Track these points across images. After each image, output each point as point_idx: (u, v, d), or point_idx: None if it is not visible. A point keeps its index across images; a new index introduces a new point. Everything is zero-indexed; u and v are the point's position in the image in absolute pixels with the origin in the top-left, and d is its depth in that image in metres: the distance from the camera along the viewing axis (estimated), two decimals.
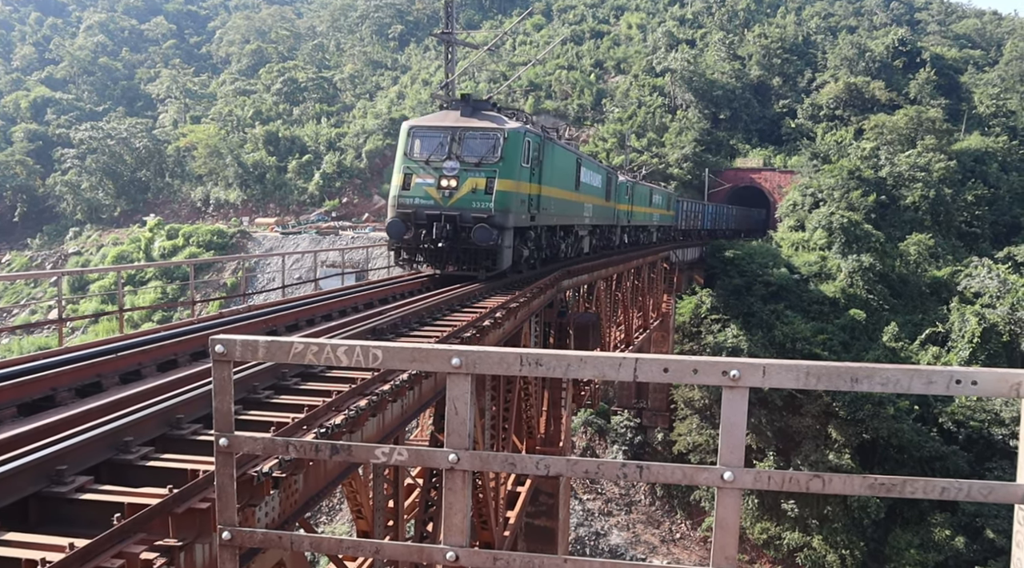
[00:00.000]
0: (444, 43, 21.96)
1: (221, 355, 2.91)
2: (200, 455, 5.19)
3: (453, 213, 16.21)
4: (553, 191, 19.96)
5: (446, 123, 17.07)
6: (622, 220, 32.10)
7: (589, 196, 25.01)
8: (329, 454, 2.94)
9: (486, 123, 16.93)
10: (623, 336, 30.59)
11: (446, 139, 16.73)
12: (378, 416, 6.56)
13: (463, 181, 16.39)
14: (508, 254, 16.57)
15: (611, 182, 29.14)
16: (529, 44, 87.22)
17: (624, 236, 34.27)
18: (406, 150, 17.00)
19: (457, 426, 2.87)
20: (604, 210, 27.89)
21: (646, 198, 37.82)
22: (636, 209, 34.86)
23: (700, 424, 40.54)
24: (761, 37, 76.15)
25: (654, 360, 2.92)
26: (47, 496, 4.53)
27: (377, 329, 9.26)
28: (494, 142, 16.64)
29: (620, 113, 72.73)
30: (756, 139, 70.06)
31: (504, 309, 11.88)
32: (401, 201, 16.65)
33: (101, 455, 4.98)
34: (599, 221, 27.48)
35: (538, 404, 17.08)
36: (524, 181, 17.33)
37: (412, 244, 16.57)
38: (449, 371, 2.80)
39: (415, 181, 16.59)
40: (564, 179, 21.31)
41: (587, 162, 24.83)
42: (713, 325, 44.07)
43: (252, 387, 6.56)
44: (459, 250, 16.45)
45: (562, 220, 21.67)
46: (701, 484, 3.09)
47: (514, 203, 16.62)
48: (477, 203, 16.24)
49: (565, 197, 21.50)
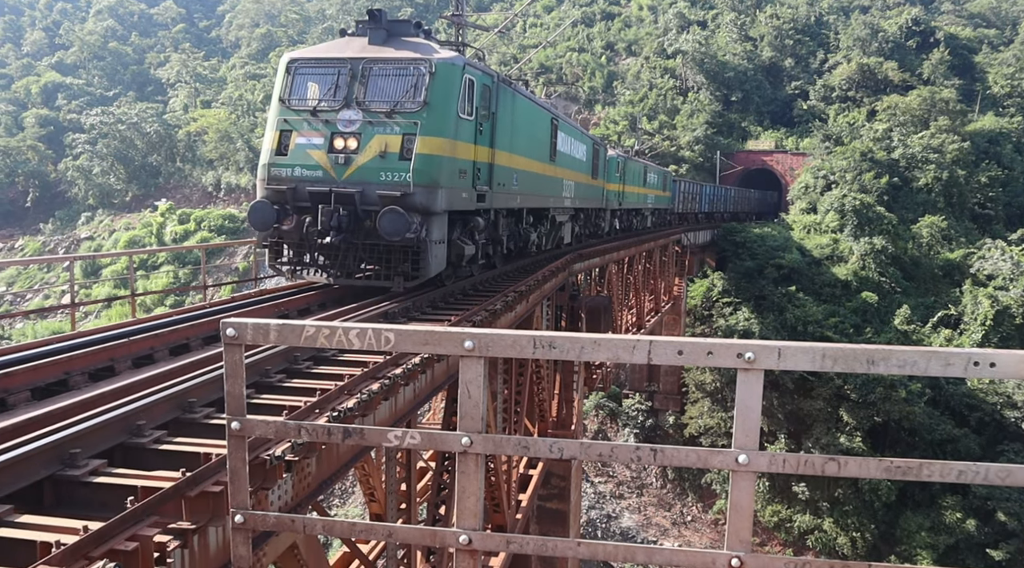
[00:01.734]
0: (454, 26, 21.72)
1: (232, 339, 2.90)
2: (213, 439, 5.21)
3: (351, 190, 10.95)
4: (516, 160, 14.86)
5: (345, 54, 11.74)
6: (612, 202, 27.44)
7: (570, 170, 19.98)
8: (342, 438, 2.93)
9: (405, 53, 11.58)
10: (635, 319, 30.54)
11: (343, 77, 11.49)
12: (390, 400, 6.57)
13: (367, 140, 11.21)
14: (439, 252, 11.59)
15: (599, 156, 24.51)
16: (540, 26, 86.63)
17: (615, 221, 29.83)
18: (283, 94, 11.77)
19: (470, 409, 2.85)
20: (590, 189, 23.13)
21: (640, 177, 33.09)
22: (628, 189, 30.24)
23: (712, 407, 40.53)
24: (773, 18, 75.30)
25: (668, 343, 2.90)
26: (61, 479, 4.56)
27: (389, 313, 9.26)
28: (416, 80, 11.34)
29: (631, 95, 72.28)
30: (768, 121, 69.50)
31: (516, 292, 11.86)
32: (274, 173, 11.47)
33: (114, 439, 5.00)
34: (584, 203, 22.56)
35: (550, 387, 17.09)
36: (466, 141, 12.11)
37: (294, 237, 11.41)
38: (462, 354, 2.78)
39: (295, 141, 11.46)
40: (533, 144, 16.32)
41: (566, 126, 19.75)
42: (725, 308, 43.92)
43: (264, 371, 6.58)
44: (361, 248, 11.32)
45: (531, 201, 16.41)
46: (715, 467, 3.07)
47: (447, 173, 11.45)
48: (387, 174, 11.06)
49: (534, 169, 16.41)
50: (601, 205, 25.74)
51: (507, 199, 14.54)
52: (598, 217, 26.49)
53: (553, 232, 19.71)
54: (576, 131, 21.24)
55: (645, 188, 34.40)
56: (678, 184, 44.29)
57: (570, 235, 21.64)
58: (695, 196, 48.13)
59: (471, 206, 12.65)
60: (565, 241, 21.08)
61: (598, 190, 24.67)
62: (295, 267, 11.81)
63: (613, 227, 29.29)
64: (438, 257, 11.57)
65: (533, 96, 16.65)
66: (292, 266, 11.82)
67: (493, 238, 14.35)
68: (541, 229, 18.20)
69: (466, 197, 12.33)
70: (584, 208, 23.30)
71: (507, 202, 14.59)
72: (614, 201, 27.67)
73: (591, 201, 23.71)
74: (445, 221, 11.75)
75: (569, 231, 21.48)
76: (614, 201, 27.67)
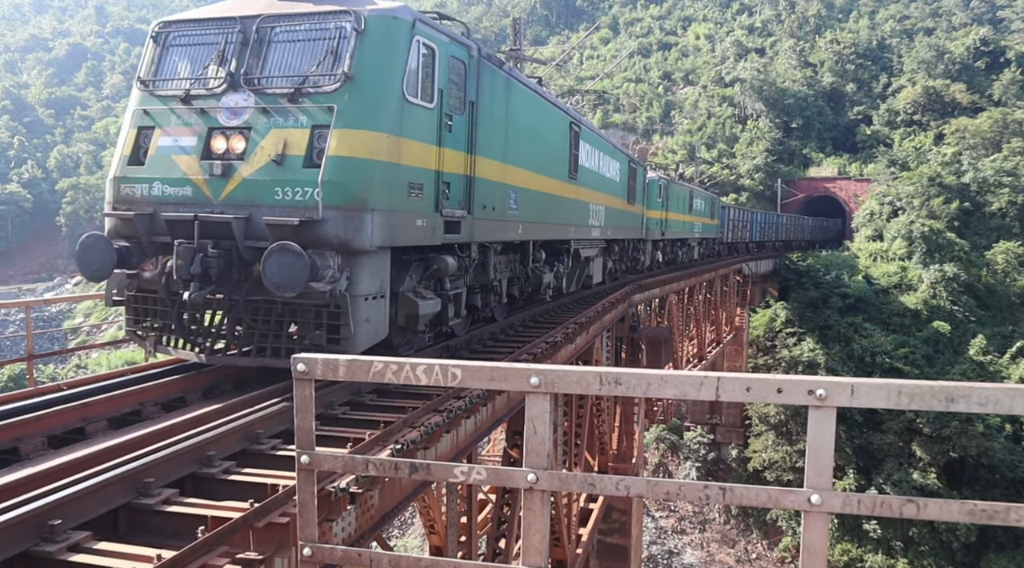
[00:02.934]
0: (512, 59, 22.03)
1: (303, 374, 2.96)
2: (279, 470, 5.30)
3: (228, 217, 7.05)
4: (513, 174, 10.52)
5: (237, 11, 7.83)
6: (653, 232, 23.88)
7: (598, 192, 16.10)
8: (408, 473, 2.95)
9: (323, 6, 7.61)
10: (696, 350, 30.09)
11: (231, 46, 7.60)
12: (452, 432, 6.59)
13: (260, 137, 7.22)
14: (374, 313, 7.45)
15: (635, 177, 20.80)
16: (596, 58, 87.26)
17: (657, 253, 26.27)
18: (145, 75, 7.95)
19: (536, 445, 2.85)
20: (625, 217, 19.41)
21: (684, 202, 29.70)
22: (673, 217, 26.86)
23: (776, 440, 39.48)
24: (833, 43, 74.34)
25: (736, 379, 2.85)
26: (136, 507, 4.69)
27: (451, 346, 9.32)
28: (335, 44, 7.38)
29: (689, 124, 72.00)
30: (830, 147, 68.30)
31: (576, 324, 11.82)
32: (124, 192, 7.63)
33: (186, 468, 5.13)
34: (618, 233, 18.64)
35: (610, 420, 16.90)
36: (421, 140, 7.92)
37: (159, 290, 7.61)
38: (528, 390, 2.79)
39: (157, 144, 7.56)
40: (542, 154, 11.94)
41: (592, 136, 15.59)
42: (788, 339, 42.98)
43: (329, 403, 6.68)
44: (244, 307, 7.29)
45: (541, 231, 12.07)
46: (787, 507, 2.99)
47: (384, 188, 7.31)
48: (284, 190, 7.06)
49: (544, 188, 12.07)
50: (640, 235, 22.04)
51: (499, 229, 9.98)
52: (636, 249, 22.91)
53: (577, 270, 15.69)
54: (606, 144, 17.30)
55: (691, 215, 31.16)
56: (727, 211, 41.13)
57: (601, 272, 17.80)
58: (745, 224, 44.79)
59: (432, 240, 8.09)
60: (595, 280, 17.10)
61: (636, 217, 20.99)
62: (160, 336, 7.72)
63: (655, 260, 25.93)
64: (372, 321, 7.28)
65: (542, 89, 12.09)
66: (156, 335, 7.72)
67: (483, 284, 10.18)
68: (559, 267, 13.76)
69: (422, 226, 7.85)
70: (618, 239, 19.51)
71: (499, 233, 10.03)
72: (656, 230, 24.12)
73: (627, 230, 19.80)
74: (385, 264, 7.44)
75: (600, 268, 17.59)
76: (656, 230, 24.12)
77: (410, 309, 7.82)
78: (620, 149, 19.16)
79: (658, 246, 26.19)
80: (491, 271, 10.32)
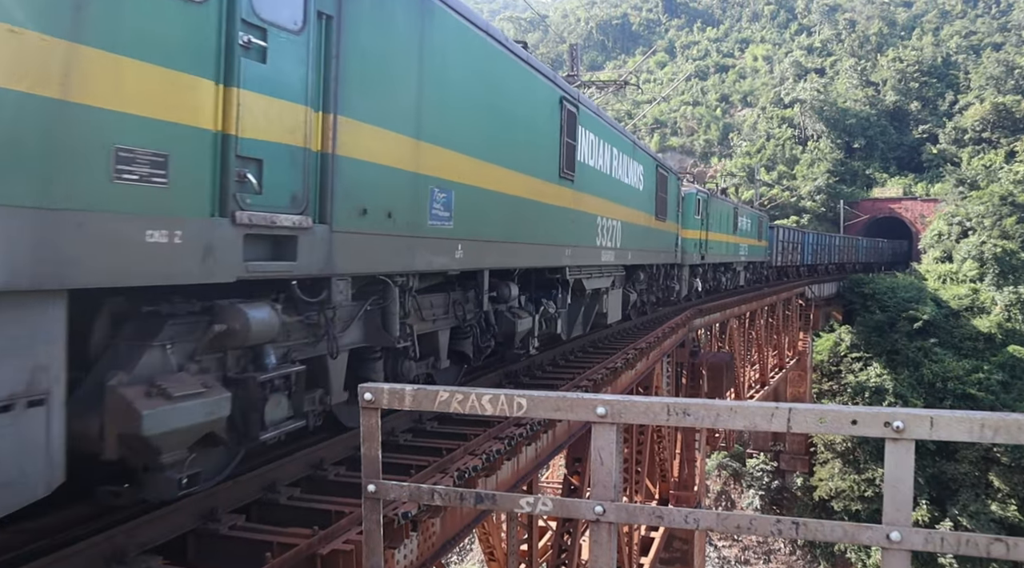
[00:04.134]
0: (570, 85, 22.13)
1: (369, 403, 2.99)
2: (342, 496, 5.34)
3: None
4: (444, 160, 6.57)
5: None
6: (691, 255, 19.95)
7: (610, 202, 12.12)
8: (474, 503, 2.95)
9: None
10: (758, 376, 29.50)
11: None
12: (513, 460, 6.57)
13: None
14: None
15: (665, 185, 16.77)
16: (653, 82, 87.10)
17: (695, 281, 22.09)
18: None
19: (603, 477, 2.81)
20: (652, 236, 15.41)
21: (728, 221, 25.98)
22: (714, 237, 23.26)
23: (843, 468, 38.27)
24: (896, 61, 72.70)
25: (808, 410, 2.78)
26: (204, 532, 4.77)
27: (510, 372, 9.31)
28: None
29: (748, 146, 71.16)
30: (894, 167, 66.62)
31: (636, 350, 11.71)
32: None
33: (252, 495, 5.21)
34: (643, 257, 14.62)
35: (671, 446, 16.64)
36: (173, 67, 3.74)
37: None
38: (594, 421, 2.76)
39: None
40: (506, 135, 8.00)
41: (599, 124, 11.61)
42: (854, 363, 41.81)
43: (391, 430, 6.72)
44: None
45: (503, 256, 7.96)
46: (864, 543, 2.89)
47: (34, 150, 3.04)
48: None
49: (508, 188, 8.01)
50: (674, 259, 18.15)
51: (403, 251, 5.96)
52: (669, 277, 18.67)
53: (581, 307, 11.34)
54: (623, 139, 12.96)
55: (736, 236, 27.35)
56: (775, 231, 37.00)
57: (620, 308, 13.34)
58: (796, 246, 40.98)
59: (210, 273, 3.97)
60: (611, 319, 12.69)
61: (668, 237, 17.13)
62: None
63: (693, 289, 21.91)
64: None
65: (511, 42, 8.16)
66: None
67: (385, 346, 6.17)
68: (550, 306, 9.54)
69: (169, 244, 3.72)
70: (644, 264, 15.28)
71: (404, 258, 5.99)
72: (693, 253, 20.29)
73: (656, 253, 15.87)
74: (39, 327, 3.18)
75: (617, 302, 13.13)
76: (693, 253, 20.29)
77: (132, 427, 3.66)
78: (644, 149, 14.78)
79: (696, 272, 22.19)
80: (396, 323, 6.01)
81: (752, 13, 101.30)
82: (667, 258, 17.15)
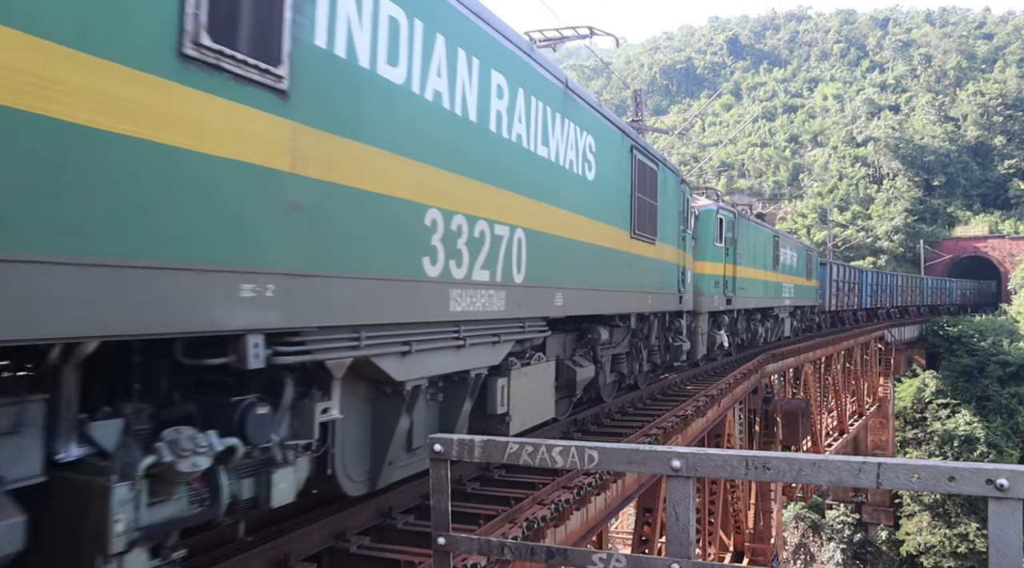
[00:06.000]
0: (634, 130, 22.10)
1: (438, 454, 2.95)
2: (411, 546, 5.29)
3: None
4: None
5: None
6: (708, 298, 14.38)
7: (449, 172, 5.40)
8: (545, 558, 2.86)
9: None
10: (836, 423, 28.41)
11: None
12: (582, 510, 6.42)
13: None
14: None
15: (655, 186, 10.71)
16: (719, 124, 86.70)
17: (720, 335, 15.71)
18: None
19: (678, 533, 2.70)
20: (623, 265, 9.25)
21: (765, 252, 20.02)
22: (745, 274, 17.53)
23: (932, 521, 36.28)
24: (977, 95, 70.63)
25: (900, 466, 2.61)
26: None
27: (578, 420, 9.18)
28: None
29: (819, 187, 69.85)
30: (978, 205, 64.28)
31: (707, 397, 11.41)
32: None
33: (323, 543, 5.21)
34: (596, 301, 8.32)
35: (745, 496, 16.07)
36: None
37: None
38: (669, 474, 2.66)
39: None
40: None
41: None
42: (940, 410, 39.93)
43: (459, 478, 6.67)
44: None
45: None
46: None
47: None
48: None
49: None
50: (677, 303, 11.79)
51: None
52: (668, 330, 12.11)
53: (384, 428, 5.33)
54: (537, 74, 6.94)
55: (777, 272, 21.33)
56: (828, 268, 30.72)
57: (547, 402, 7.38)
58: (852, 286, 34.99)
59: None
60: (514, 428, 6.73)
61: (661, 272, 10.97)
62: None
63: (717, 346, 15.74)
64: None
65: None
66: None
67: None
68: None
69: None
70: (606, 315, 8.94)
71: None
72: (713, 295, 14.73)
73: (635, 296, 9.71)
74: None
75: (544, 393, 7.33)
76: (713, 295, 14.73)
77: None
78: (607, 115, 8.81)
79: (721, 322, 16.00)
80: None
81: (821, 52, 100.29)
82: (662, 303, 10.91)
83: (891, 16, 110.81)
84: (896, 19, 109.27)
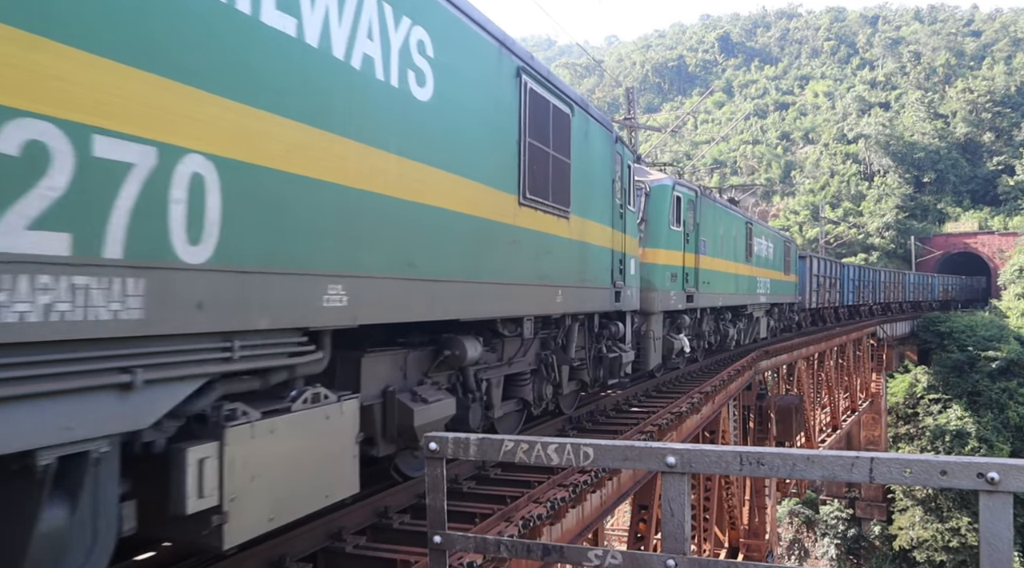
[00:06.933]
0: (627, 128, 22.21)
1: (434, 452, 2.96)
2: (407, 545, 5.30)
3: None
4: None
5: None
6: (662, 294, 12.09)
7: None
8: (541, 556, 2.87)
9: None
10: (829, 419, 28.53)
11: None
12: (578, 508, 6.44)
13: None
14: None
15: (585, 147, 8.09)
16: (711, 122, 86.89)
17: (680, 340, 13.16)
18: None
19: (673, 529, 2.71)
20: (544, 251, 7.01)
21: (736, 241, 17.66)
22: (710, 266, 15.05)
23: (924, 516, 36.45)
24: (966, 92, 70.97)
25: (892, 460, 2.63)
26: None
27: (573, 418, 9.20)
28: None
29: (811, 184, 70.07)
30: (968, 201, 64.59)
31: (701, 393, 11.45)
32: None
33: (319, 543, 5.21)
34: (512, 299, 6.42)
35: (740, 493, 16.12)
36: None
37: None
38: (664, 470, 2.67)
39: None
40: None
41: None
42: (932, 406, 40.11)
43: (455, 477, 6.68)
44: None
45: None
46: None
47: None
48: None
49: None
50: (611, 302, 9.12)
51: None
52: (600, 337, 9.24)
53: None
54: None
55: (751, 265, 18.99)
56: (808, 262, 28.33)
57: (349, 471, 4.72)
58: (834, 281, 33.05)
59: None
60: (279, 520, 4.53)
61: (587, 256, 8.26)
62: None
63: (676, 353, 13.15)
64: None
65: None
66: None
67: None
68: None
69: None
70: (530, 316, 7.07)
71: None
72: (670, 291, 12.45)
73: (537, 293, 6.91)
74: None
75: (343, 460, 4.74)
76: (670, 291, 12.45)
77: None
78: (482, 23, 5.98)
79: (681, 324, 13.53)
80: None
81: (811, 50, 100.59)
82: (585, 301, 8.24)
83: (880, 14, 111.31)
84: (885, 17, 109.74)
